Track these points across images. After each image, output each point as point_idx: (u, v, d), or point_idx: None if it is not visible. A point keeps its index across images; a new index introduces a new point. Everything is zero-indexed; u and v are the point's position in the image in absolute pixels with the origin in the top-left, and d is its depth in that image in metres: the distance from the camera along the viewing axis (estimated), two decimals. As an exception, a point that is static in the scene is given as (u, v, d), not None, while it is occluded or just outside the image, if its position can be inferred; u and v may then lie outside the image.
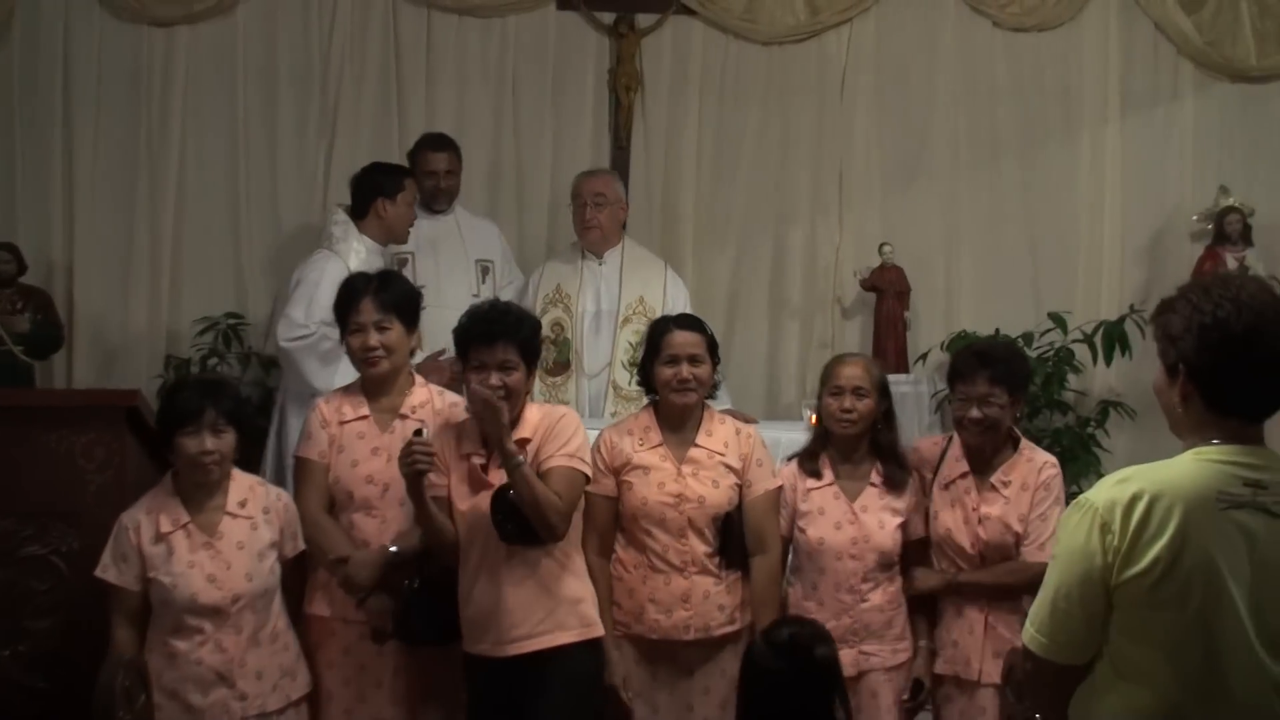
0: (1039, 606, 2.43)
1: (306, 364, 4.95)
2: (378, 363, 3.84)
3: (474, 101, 6.56)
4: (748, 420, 5.24)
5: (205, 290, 6.37)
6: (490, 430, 3.57)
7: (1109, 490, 2.36)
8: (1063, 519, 2.45)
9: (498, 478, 3.62)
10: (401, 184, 5.36)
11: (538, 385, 5.59)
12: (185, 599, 3.49)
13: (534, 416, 3.73)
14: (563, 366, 5.59)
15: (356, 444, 3.83)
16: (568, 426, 3.69)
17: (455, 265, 5.77)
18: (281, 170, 6.46)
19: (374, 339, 3.82)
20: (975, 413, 3.92)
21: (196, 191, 6.45)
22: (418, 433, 3.57)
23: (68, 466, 3.87)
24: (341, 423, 3.85)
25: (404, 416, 3.86)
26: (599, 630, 3.71)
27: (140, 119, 6.39)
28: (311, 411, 3.92)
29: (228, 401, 3.61)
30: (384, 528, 3.79)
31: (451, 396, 4.00)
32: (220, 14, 6.41)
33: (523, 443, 3.66)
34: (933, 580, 3.97)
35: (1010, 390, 3.94)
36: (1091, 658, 2.40)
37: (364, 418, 3.86)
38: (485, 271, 5.87)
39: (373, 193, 5.33)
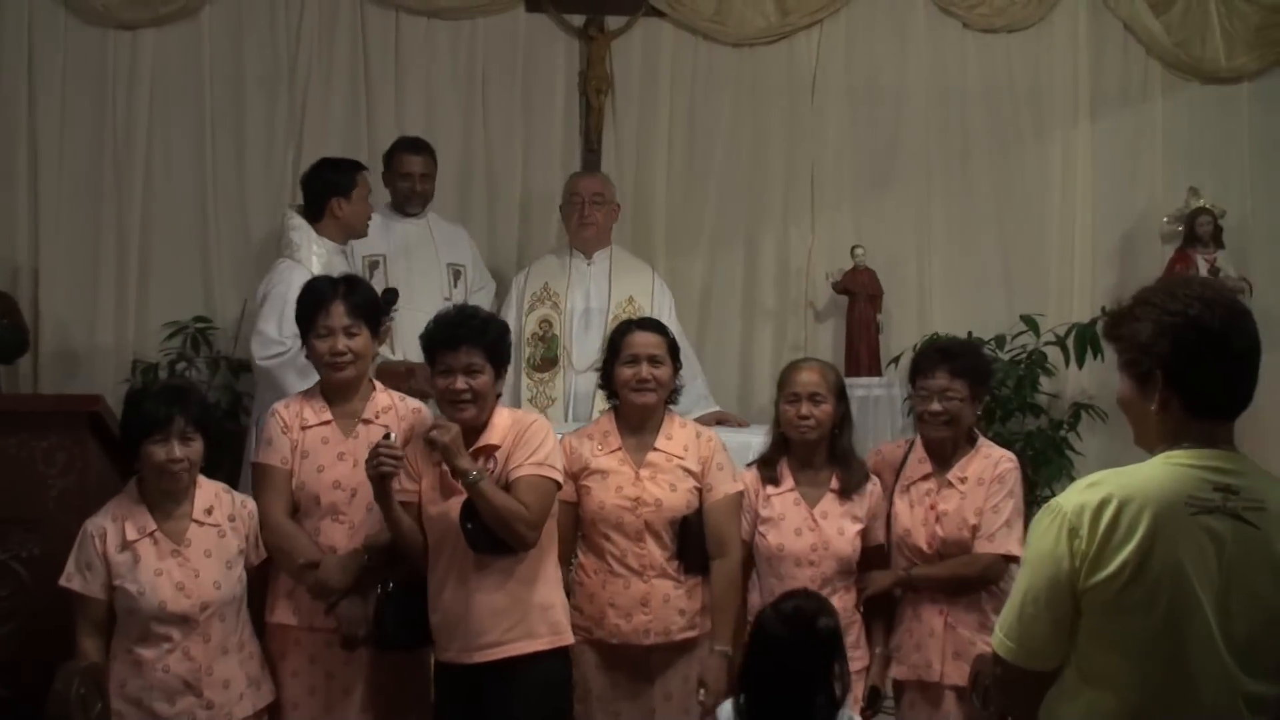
0: (1007, 611, 2.42)
1: (286, 379, 4.82)
2: (344, 368, 3.80)
3: (443, 104, 6.53)
4: (740, 424, 5.27)
5: (173, 294, 6.32)
6: (444, 455, 3.54)
7: (1078, 494, 2.35)
8: (1033, 523, 2.43)
9: None
10: (354, 179, 5.28)
11: (525, 382, 5.61)
12: (153, 607, 3.45)
13: (504, 422, 3.70)
14: (550, 363, 5.62)
15: (321, 449, 3.78)
16: (537, 434, 3.66)
17: (428, 269, 5.73)
18: (249, 174, 6.41)
19: (342, 344, 3.77)
20: (935, 405, 3.93)
21: (163, 195, 6.39)
22: (386, 436, 3.56)
23: (28, 472, 3.82)
24: (304, 428, 3.80)
25: (368, 421, 3.82)
26: (569, 638, 3.69)
27: (106, 122, 6.34)
28: (270, 417, 3.86)
29: (195, 408, 3.57)
30: (352, 533, 3.75)
31: (414, 402, 3.99)
32: (186, 17, 6.35)
33: (490, 449, 3.65)
34: (885, 580, 3.96)
35: (970, 384, 3.95)
36: (1060, 664, 2.38)
37: (327, 423, 3.82)
38: (457, 275, 5.85)
39: (326, 192, 5.25)
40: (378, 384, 3.97)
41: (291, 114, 6.45)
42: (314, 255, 5.10)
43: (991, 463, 3.96)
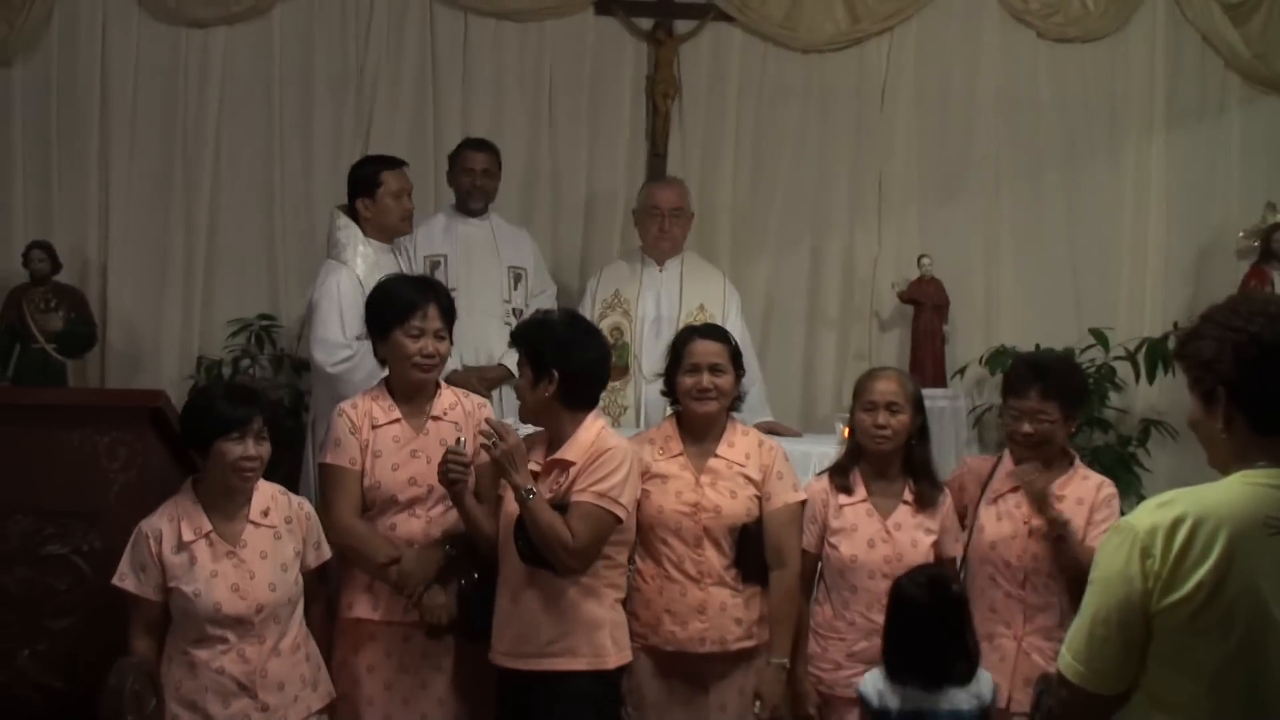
0: (1076, 633, 2.35)
1: (355, 381, 4.75)
2: (431, 369, 3.82)
3: (510, 107, 6.53)
4: (791, 434, 5.21)
5: (238, 292, 6.38)
6: (498, 468, 3.54)
7: (1151, 514, 2.28)
8: (1102, 543, 2.36)
9: (541, 489, 3.58)
10: (378, 178, 5.23)
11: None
12: (208, 609, 3.44)
13: (585, 440, 3.63)
14: (621, 371, 5.54)
15: (393, 448, 3.79)
16: (609, 461, 3.58)
17: (488, 270, 5.72)
18: (317, 173, 6.44)
19: (433, 346, 3.79)
20: (1026, 427, 3.84)
21: (231, 193, 6.46)
22: (456, 442, 3.58)
23: (90, 466, 3.84)
24: (374, 427, 3.80)
25: (437, 418, 3.84)
26: (611, 662, 3.61)
27: (176, 120, 6.41)
28: (338, 417, 3.84)
29: (268, 409, 3.60)
30: (428, 528, 3.77)
31: (477, 398, 4.01)
32: (257, 15, 6.42)
33: (564, 465, 3.62)
34: (1042, 482, 3.80)
35: (1063, 406, 3.85)
36: (1128, 688, 2.32)
37: (397, 421, 3.82)
38: (518, 278, 5.81)
39: (352, 193, 5.25)
40: (441, 381, 3.97)
41: (359, 114, 6.48)
42: (359, 255, 5.08)
43: (1092, 486, 3.87)
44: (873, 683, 3.49)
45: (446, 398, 3.90)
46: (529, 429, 3.80)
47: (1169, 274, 6.69)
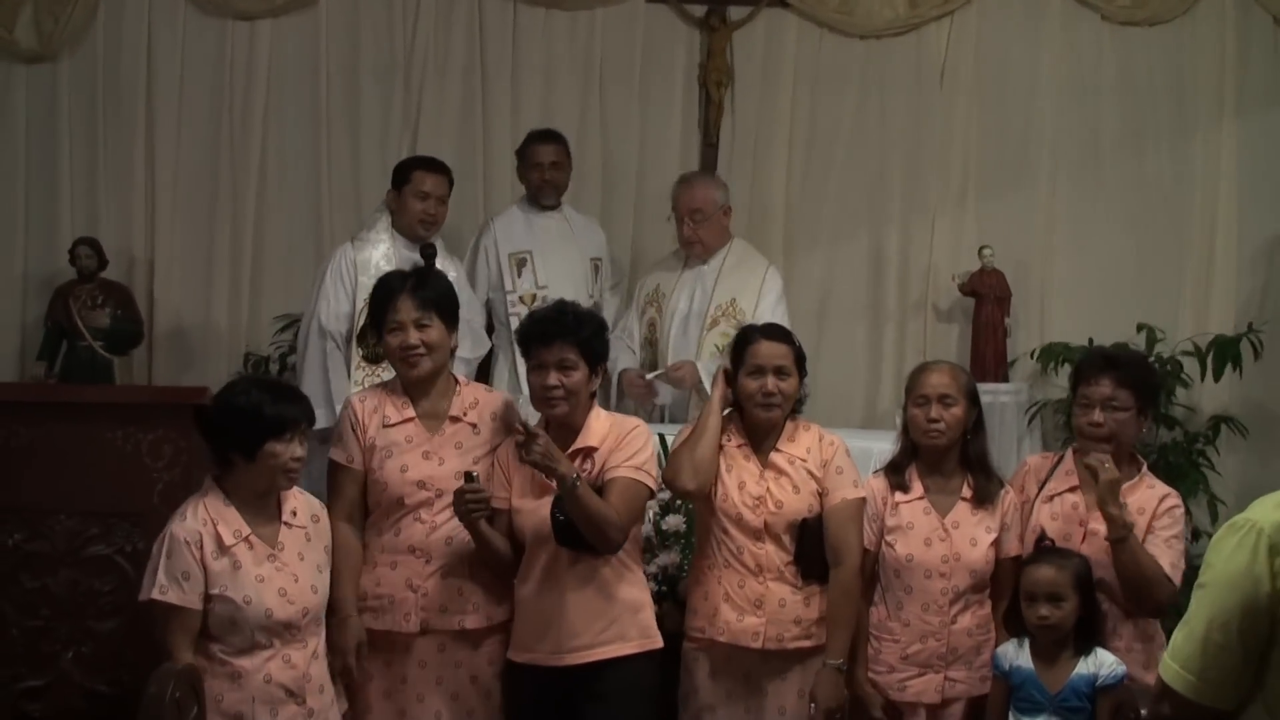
0: (1186, 641, 2.19)
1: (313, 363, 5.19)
2: (418, 362, 3.66)
3: (560, 96, 6.46)
4: None
5: (285, 287, 6.31)
6: (541, 469, 3.49)
7: (1276, 510, 2.12)
8: (1215, 542, 2.20)
9: None
10: (409, 175, 5.31)
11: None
12: (259, 615, 3.31)
13: (602, 426, 3.65)
14: (654, 368, 5.51)
15: (404, 448, 3.66)
16: (638, 438, 3.62)
17: (572, 263, 5.71)
18: (364, 166, 6.39)
19: (414, 337, 3.65)
20: (1097, 415, 3.69)
21: (278, 187, 6.42)
22: (469, 477, 3.48)
23: (134, 465, 3.78)
24: (386, 425, 3.68)
25: (455, 419, 3.71)
26: (658, 641, 3.64)
27: (223, 113, 6.38)
28: (345, 410, 3.75)
29: (311, 411, 3.50)
30: (433, 534, 3.63)
31: (500, 394, 3.92)
32: (303, 7, 6.37)
33: (588, 451, 3.60)
34: (1112, 474, 3.58)
35: (1137, 397, 3.70)
36: (1240, 703, 2.16)
37: (410, 420, 3.69)
38: (596, 269, 5.85)
39: (393, 186, 5.36)
40: (460, 378, 3.85)
41: (407, 105, 6.42)
42: (376, 242, 5.18)
43: (1156, 495, 3.71)
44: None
45: (467, 396, 3.76)
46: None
47: (1239, 267, 6.48)
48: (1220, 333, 6.13)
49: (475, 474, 3.51)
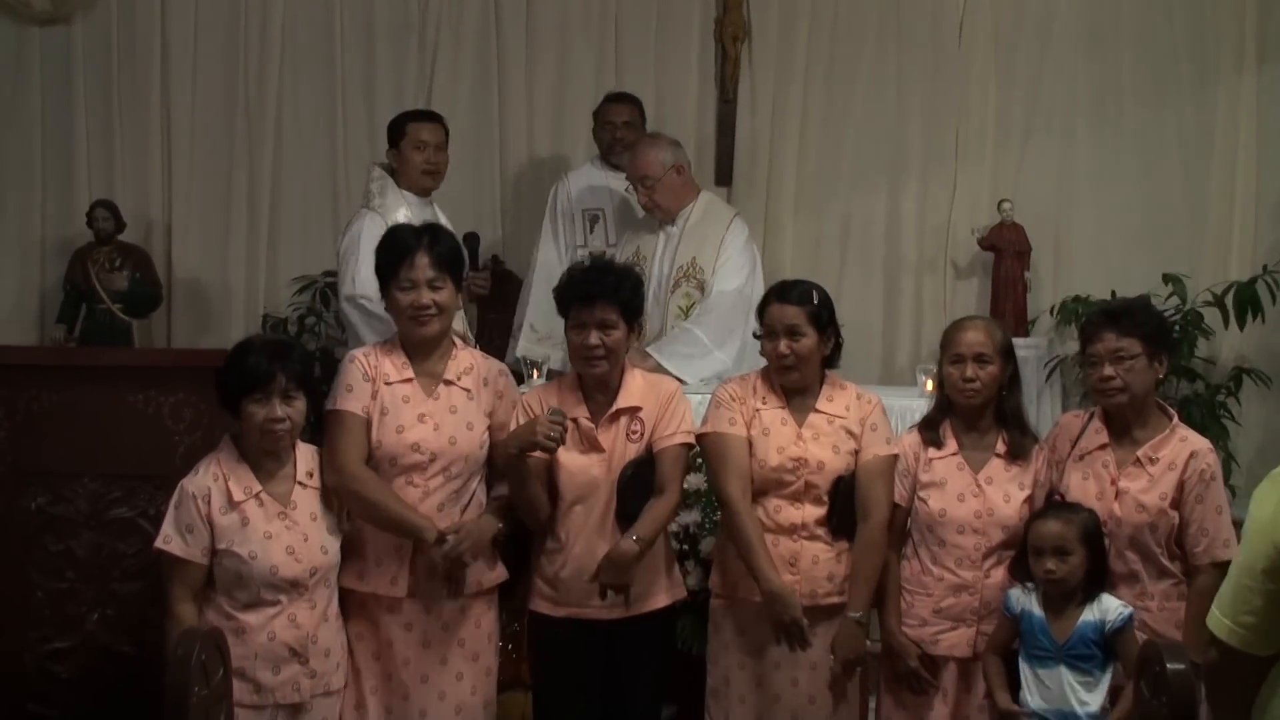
0: (1225, 586, 2.18)
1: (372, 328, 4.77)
2: (429, 322, 3.61)
3: (575, 53, 6.44)
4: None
5: (302, 249, 6.35)
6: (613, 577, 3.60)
7: None
8: (1257, 494, 2.17)
9: (607, 439, 3.65)
10: (403, 129, 5.17)
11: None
12: (265, 572, 3.32)
13: (639, 386, 3.71)
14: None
15: (401, 408, 3.61)
16: (680, 403, 3.74)
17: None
18: (379, 127, 6.21)
19: (427, 297, 3.59)
20: (1107, 369, 3.63)
21: (294, 149, 6.43)
22: (556, 412, 3.53)
23: (155, 428, 3.82)
24: (386, 383, 3.62)
25: (449, 383, 3.65)
26: (684, 591, 3.85)
27: (238, 76, 6.39)
28: (350, 363, 3.64)
29: (297, 365, 3.40)
30: (425, 498, 3.58)
31: (497, 363, 3.84)
32: (316, -33, 6.33)
33: (633, 411, 3.67)
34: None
35: (1143, 341, 3.63)
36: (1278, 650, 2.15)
37: (408, 380, 3.64)
38: None
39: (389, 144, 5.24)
40: (458, 341, 3.80)
41: (422, 65, 6.42)
42: (391, 206, 4.99)
43: (1188, 449, 3.63)
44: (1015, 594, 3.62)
45: (463, 360, 3.71)
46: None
47: (1259, 216, 6.38)
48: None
49: (562, 412, 3.55)
